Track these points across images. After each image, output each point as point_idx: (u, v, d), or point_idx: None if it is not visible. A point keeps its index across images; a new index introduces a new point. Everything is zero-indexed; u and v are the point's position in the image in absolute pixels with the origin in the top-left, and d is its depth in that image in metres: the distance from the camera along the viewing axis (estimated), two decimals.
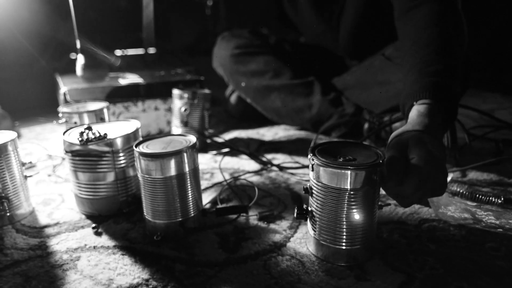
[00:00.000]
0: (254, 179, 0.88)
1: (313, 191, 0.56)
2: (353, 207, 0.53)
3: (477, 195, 0.73)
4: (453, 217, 0.68)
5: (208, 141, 1.10)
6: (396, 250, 0.60)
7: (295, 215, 0.58)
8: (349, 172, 0.52)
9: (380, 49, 1.15)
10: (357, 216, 0.54)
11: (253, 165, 0.96)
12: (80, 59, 0.97)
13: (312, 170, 0.55)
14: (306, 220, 0.59)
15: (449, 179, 0.81)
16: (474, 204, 0.72)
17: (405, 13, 0.82)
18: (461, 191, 0.75)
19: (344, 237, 0.55)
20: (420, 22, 0.76)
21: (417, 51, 0.73)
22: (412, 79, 0.70)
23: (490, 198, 0.72)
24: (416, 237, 0.63)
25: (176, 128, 1.08)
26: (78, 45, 0.98)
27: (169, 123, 1.24)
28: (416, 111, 0.64)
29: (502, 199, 0.71)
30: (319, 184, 0.54)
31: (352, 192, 0.52)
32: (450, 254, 0.58)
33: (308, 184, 0.57)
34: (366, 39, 1.20)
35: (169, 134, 0.69)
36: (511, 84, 1.75)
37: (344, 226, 0.54)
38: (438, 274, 0.54)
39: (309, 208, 0.58)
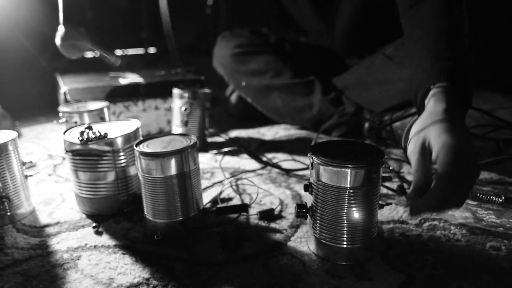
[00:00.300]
0: (255, 178, 0.88)
1: (314, 190, 0.56)
2: (354, 205, 0.53)
3: (478, 194, 0.73)
4: (454, 216, 0.68)
5: (209, 140, 1.10)
6: (397, 249, 0.60)
7: (295, 213, 0.58)
8: (349, 170, 0.52)
9: (376, 47, 1.15)
10: (357, 214, 0.54)
11: (253, 164, 0.96)
12: (61, 29, 0.97)
13: (312, 169, 0.55)
14: (306, 218, 0.59)
15: None
16: (475, 203, 0.72)
17: (409, 8, 0.81)
18: None
19: (345, 236, 0.55)
20: (427, 13, 0.75)
21: (427, 41, 0.71)
22: (425, 66, 0.67)
23: (491, 197, 0.72)
24: (416, 237, 0.63)
25: (177, 127, 1.08)
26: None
27: (169, 122, 1.24)
28: (433, 97, 0.61)
29: (503, 198, 0.71)
30: (320, 183, 0.54)
31: (352, 191, 0.52)
32: (450, 253, 0.58)
33: (308, 182, 0.57)
34: (362, 37, 1.20)
35: (169, 133, 0.69)
36: (511, 84, 1.75)
37: (345, 225, 0.54)
38: (439, 273, 0.54)
39: (309, 206, 0.58)
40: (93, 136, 0.69)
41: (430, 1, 0.76)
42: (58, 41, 0.99)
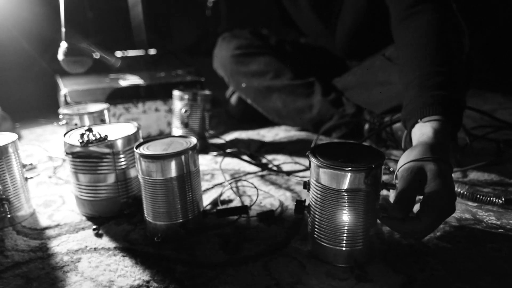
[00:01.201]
0: (255, 180, 0.88)
1: (313, 192, 0.56)
2: (353, 208, 0.53)
3: (478, 196, 0.73)
4: (454, 218, 0.68)
5: (209, 142, 1.10)
6: (397, 251, 0.60)
7: (294, 209, 0.58)
8: (348, 173, 0.52)
9: (377, 50, 1.15)
10: (357, 217, 0.53)
11: (254, 166, 0.96)
12: (63, 45, 0.98)
13: (312, 171, 0.55)
14: (303, 214, 0.59)
15: None
16: (475, 204, 0.72)
17: (401, 21, 0.81)
18: (462, 191, 0.75)
19: (345, 238, 0.55)
20: (418, 31, 0.76)
21: (416, 62, 0.73)
22: (413, 93, 0.70)
23: (491, 199, 0.72)
24: (416, 238, 0.63)
25: (177, 129, 1.08)
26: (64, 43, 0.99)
27: (169, 124, 1.24)
28: (422, 129, 0.63)
29: (503, 199, 0.71)
30: (319, 185, 0.54)
31: (352, 193, 0.52)
32: (451, 255, 0.58)
33: (307, 180, 0.57)
34: (363, 40, 1.20)
35: (169, 135, 0.69)
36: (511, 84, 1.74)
37: (345, 227, 0.54)
38: (439, 275, 0.54)
39: (307, 204, 0.58)
40: (93, 138, 0.69)
41: (421, 17, 0.76)
42: (60, 56, 0.99)
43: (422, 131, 0.64)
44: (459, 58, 0.73)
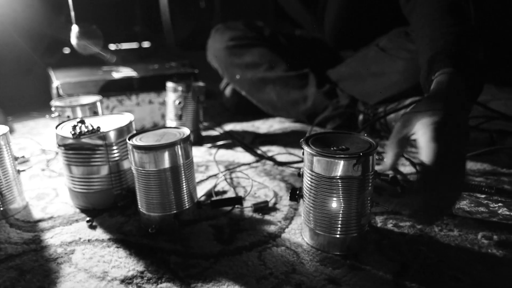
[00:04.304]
0: (249, 171, 0.88)
1: (307, 180, 0.56)
2: (346, 195, 0.53)
3: (470, 185, 0.73)
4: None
5: (203, 133, 1.09)
6: (390, 239, 0.60)
7: (289, 197, 0.59)
8: (341, 160, 0.52)
9: (369, 39, 1.15)
10: (350, 204, 0.54)
11: (248, 157, 0.96)
12: (75, 28, 0.99)
13: (305, 160, 0.55)
14: (298, 202, 0.59)
15: None
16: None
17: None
18: None
19: (339, 226, 0.55)
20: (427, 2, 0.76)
21: (427, 29, 0.71)
22: (430, 47, 0.67)
23: (483, 188, 0.72)
24: (409, 227, 0.63)
25: (171, 121, 1.08)
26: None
27: (163, 116, 1.23)
28: (435, 84, 0.60)
29: (494, 189, 0.72)
30: (313, 173, 0.54)
31: (345, 181, 0.53)
32: (443, 243, 0.59)
33: (302, 169, 0.58)
34: (351, 29, 1.20)
35: (162, 126, 0.69)
36: (505, 76, 1.75)
37: (338, 215, 0.54)
38: (433, 263, 0.54)
39: (302, 191, 0.58)
40: (86, 130, 0.68)
41: None
42: (73, 41, 1.01)
43: (434, 85, 0.61)
44: (470, 20, 0.72)
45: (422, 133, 0.51)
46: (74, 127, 0.68)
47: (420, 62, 0.71)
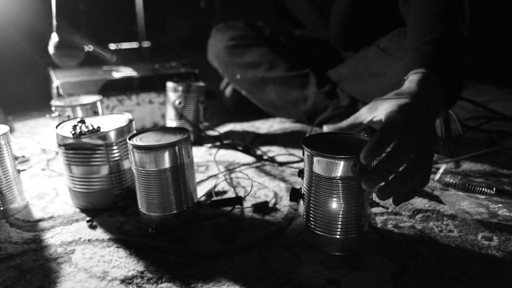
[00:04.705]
0: (249, 171, 0.88)
1: (307, 180, 0.56)
2: (346, 196, 0.53)
3: (470, 186, 0.73)
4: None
5: (203, 134, 1.10)
6: (390, 240, 0.60)
7: (289, 197, 0.59)
8: (341, 161, 0.52)
9: (371, 40, 1.15)
10: (349, 205, 0.54)
11: (248, 158, 0.96)
12: (54, 37, 0.95)
13: (305, 160, 0.55)
14: (298, 202, 0.59)
15: (442, 170, 0.82)
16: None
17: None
18: (454, 181, 0.76)
19: (339, 226, 0.55)
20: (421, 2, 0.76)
21: (415, 28, 0.73)
22: (408, 54, 0.69)
23: (483, 189, 0.72)
24: (409, 227, 0.63)
25: (171, 121, 1.08)
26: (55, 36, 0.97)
27: (163, 116, 1.23)
28: (407, 82, 0.62)
29: (494, 189, 0.72)
30: (313, 174, 0.54)
31: (345, 181, 0.53)
32: (443, 244, 0.59)
33: (302, 169, 0.58)
34: (357, 29, 1.19)
35: (163, 126, 0.69)
36: (505, 76, 1.75)
37: (338, 215, 0.54)
38: (432, 263, 0.54)
39: (302, 191, 0.58)
40: (86, 130, 0.68)
41: None
42: (51, 49, 0.96)
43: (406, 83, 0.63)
44: (461, 22, 0.72)
45: (384, 110, 0.55)
46: (74, 127, 0.68)
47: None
